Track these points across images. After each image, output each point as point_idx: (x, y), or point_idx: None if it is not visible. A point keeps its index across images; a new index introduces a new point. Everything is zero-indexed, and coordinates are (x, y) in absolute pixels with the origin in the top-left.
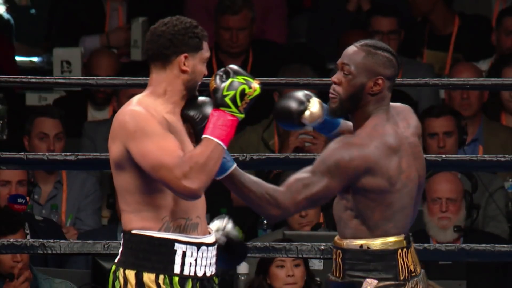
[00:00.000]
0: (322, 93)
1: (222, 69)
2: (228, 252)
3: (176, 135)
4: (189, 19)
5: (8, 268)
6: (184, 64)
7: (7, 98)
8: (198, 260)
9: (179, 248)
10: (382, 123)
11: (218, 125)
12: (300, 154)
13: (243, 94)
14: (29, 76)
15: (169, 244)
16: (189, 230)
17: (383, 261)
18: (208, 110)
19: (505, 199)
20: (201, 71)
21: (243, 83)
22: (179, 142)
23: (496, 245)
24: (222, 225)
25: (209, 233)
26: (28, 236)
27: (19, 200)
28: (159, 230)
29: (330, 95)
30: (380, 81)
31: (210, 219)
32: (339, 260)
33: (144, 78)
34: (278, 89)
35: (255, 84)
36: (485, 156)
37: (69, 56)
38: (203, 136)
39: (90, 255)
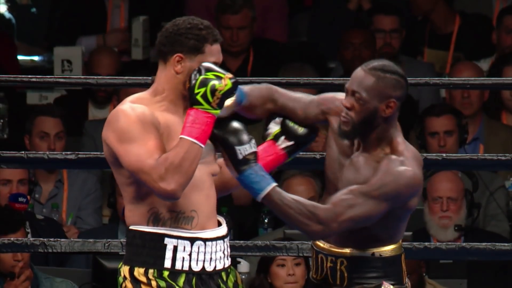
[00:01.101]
0: (322, 92)
1: (196, 67)
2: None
3: (170, 136)
4: (201, 21)
5: (9, 267)
6: (178, 65)
7: (7, 97)
8: (193, 255)
9: (169, 243)
10: (407, 143)
11: (192, 123)
12: (301, 153)
13: (213, 90)
14: (29, 75)
15: (159, 239)
16: (180, 223)
17: (393, 267)
18: (241, 137)
19: (506, 198)
20: None
21: (212, 79)
22: (172, 142)
23: (497, 244)
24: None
25: (213, 227)
26: (29, 235)
27: (20, 199)
28: (147, 224)
29: (343, 118)
30: (392, 104)
31: None
32: (343, 268)
33: (144, 77)
34: None
35: (226, 79)
36: (486, 155)
37: (70, 55)
38: (180, 136)
39: (91, 254)
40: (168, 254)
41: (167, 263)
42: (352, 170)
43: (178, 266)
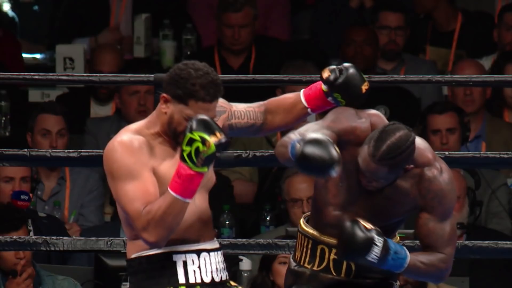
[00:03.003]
0: None
1: (193, 118)
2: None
3: (165, 165)
4: (207, 71)
5: (11, 265)
6: (163, 104)
7: (10, 94)
8: (202, 267)
9: (178, 259)
10: (427, 146)
11: (178, 178)
12: None
13: (197, 151)
14: (32, 73)
15: (167, 257)
16: (184, 240)
17: None
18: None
19: (508, 196)
20: (178, 123)
21: (197, 141)
22: (166, 172)
23: (499, 241)
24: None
25: (211, 238)
26: (31, 233)
27: (22, 197)
28: (151, 249)
29: (368, 187)
30: (411, 166)
31: (212, 216)
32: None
33: (146, 75)
34: (281, 86)
35: (210, 143)
36: (488, 153)
37: (72, 52)
38: (168, 187)
39: (93, 252)
40: (180, 270)
41: (181, 279)
42: (382, 197)
43: (191, 279)
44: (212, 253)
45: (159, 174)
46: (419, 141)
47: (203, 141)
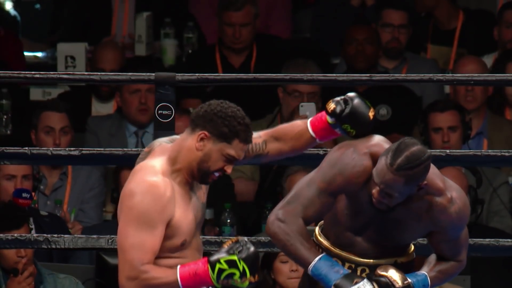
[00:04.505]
0: (326, 88)
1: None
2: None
3: (175, 205)
4: (244, 116)
5: (12, 263)
6: (200, 142)
7: (11, 93)
8: None
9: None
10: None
11: (194, 275)
12: None
13: (230, 276)
14: (33, 72)
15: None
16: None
17: (411, 269)
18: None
19: (509, 194)
20: (216, 161)
21: (238, 270)
22: (179, 219)
23: (500, 240)
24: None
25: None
26: (33, 231)
27: (24, 195)
28: None
29: (379, 205)
30: (425, 183)
31: (214, 215)
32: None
33: (147, 73)
34: (282, 85)
35: (247, 281)
36: (489, 151)
37: (73, 51)
38: (178, 266)
39: (94, 250)
40: None
41: None
42: (393, 221)
43: None
44: None
45: (173, 221)
46: (430, 168)
47: (242, 275)
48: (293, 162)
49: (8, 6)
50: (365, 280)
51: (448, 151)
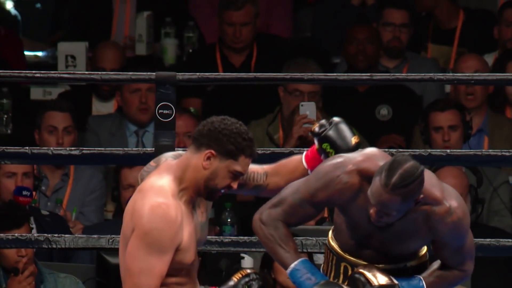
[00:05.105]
0: (326, 88)
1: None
2: None
3: (185, 235)
4: (247, 131)
5: (13, 262)
6: (207, 161)
7: (11, 92)
8: None
9: None
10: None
11: None
12: (306, 148)
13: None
14: (33, 71)
15: None
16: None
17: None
18: None
19: (510, 194)
20: (223, 179)
21: None
22: (186, 241)
23: (501, 239)
24: None
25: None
26: (34, 231)
27: (24, 193)
28: None
29: (377, 223)
30: (421, 197)
31: (215, 214)
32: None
33: (148, 73)
34: (283, 84)
35: None
36: (490, 150)
37: (74, 50)
38: None
39: (95, 250)
40: None
41: None
42: (394, 233)
43: None
44: None
45: (181, 245)
46: (427, 177)
47: None
48: None
49: (9, 5)
50: None
51: (448, 150)
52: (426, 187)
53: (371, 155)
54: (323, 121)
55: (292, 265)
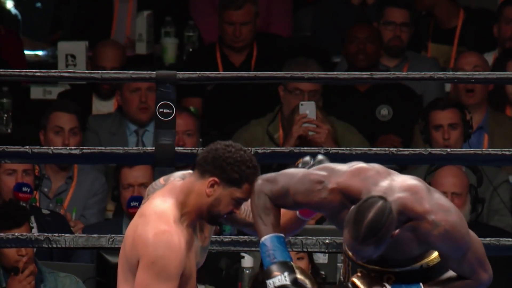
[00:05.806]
0: (327, 87)
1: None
2: None
3: (188, 261)
4: (251, 158)
5: (13, 262)
6: (210, 188)
7: (12, 91)
8: None
9: None
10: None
11: None
12: (305, 148)
13: None
14: (34, 70)
15: None
16: None
17: (438, 273)
18: None
19: (510, 193)
20: (226, 206)
21: None
22: (188, 267)
23: (501, 239)
24: None
25: None
26: (34, 230)
27: (24, 189)
28: None
29: (365, 260)
30: (397, 232)
31: None
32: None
33: (148, 72)
34: (283, 83)
35: None
36: (490, 150)
37: (74, 49)
38: None
39: (95, 249)
40: None
41: None
42: (390, 252)
43: None
44: None
45: (185, 271)
46: (407, 195)
47: None
48: (294, 161)
49: (9, 4)
50: (286, 274)
51: (449, 149)
52: (408, 204)
53: (357, 173)
54: (307, 158)
55: (262, 239)
